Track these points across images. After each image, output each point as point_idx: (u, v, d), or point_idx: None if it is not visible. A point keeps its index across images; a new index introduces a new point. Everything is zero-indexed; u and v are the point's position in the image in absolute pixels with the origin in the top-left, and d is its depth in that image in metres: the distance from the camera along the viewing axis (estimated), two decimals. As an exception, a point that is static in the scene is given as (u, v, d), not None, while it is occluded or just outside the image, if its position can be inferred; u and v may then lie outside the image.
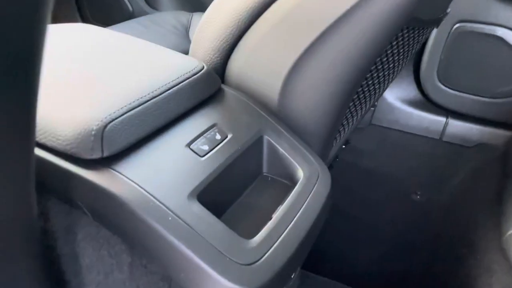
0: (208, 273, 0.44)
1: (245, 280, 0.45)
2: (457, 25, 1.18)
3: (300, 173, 0.59)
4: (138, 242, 0.47)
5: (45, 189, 0.48)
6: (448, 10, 0.88)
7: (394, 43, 0.70)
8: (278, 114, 0.65)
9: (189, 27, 1.37)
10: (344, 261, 1.43)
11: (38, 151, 0.47)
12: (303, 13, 0.59)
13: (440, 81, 1.28)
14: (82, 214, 0.49)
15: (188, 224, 0.46)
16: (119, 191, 0.45)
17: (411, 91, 1.34)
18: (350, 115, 0.80)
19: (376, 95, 0.93)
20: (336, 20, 0.57)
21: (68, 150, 0.46)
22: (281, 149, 0.60)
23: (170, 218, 0.45)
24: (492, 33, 1.16)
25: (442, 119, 1.31)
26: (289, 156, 0.60)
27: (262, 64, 0.66)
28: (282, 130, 0.62)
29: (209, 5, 0.70)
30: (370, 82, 0.77)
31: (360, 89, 0.75)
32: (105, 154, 0.46)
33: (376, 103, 1.31)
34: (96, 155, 0.46)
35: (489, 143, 1.26)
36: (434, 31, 1.22)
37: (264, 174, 0.62)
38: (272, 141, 0.60)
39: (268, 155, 0.61)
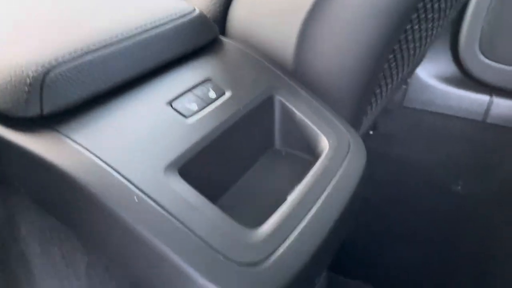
0: (192, 278, 0.30)
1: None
2: (503, -15, 1.01)
3: (325, 143, 0.44)
4: (95, 234, 0.33)
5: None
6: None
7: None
8: (293, 73, 0.51)
9: None
10: (377, 263, 1.27)
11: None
12: None
13: (482, 53, 1.11)
14: (24, 199, 0.36)
15: (163, 208, 0.32)
16: (65, 162, 0.31)
17: (448, 66, 1.18)
18: (384, 79, 0.64)
19: (409, 62, 0.77)
20: None
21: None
22: (298, 113, 0.45)
23: (137, 200, 0.31)
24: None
25: (486, 98, 1.14)
26: (309, 122, 0.45)
27: (271, 11, 0.51)
28: (300, 90, 0.48)
29: None
30: (403, 47, 0.62)
31: (397, 46, 0.60)
32: (46, 111, 0.33)
33: (408, 80, 1.14)
34: (33, 112, 0.32)
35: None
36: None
37: (277, 148, 0.47)
38: (287, 103, 0.45)
39: (282, 121, 0.46)
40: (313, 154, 0.45)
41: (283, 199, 0.37)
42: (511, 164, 1.14)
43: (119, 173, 0.32)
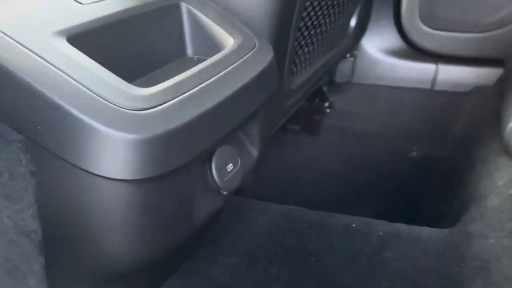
0: (82, 121, 0.31)
1: (133, 127, 0.32)
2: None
3: (231, 42, 0.46)
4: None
5: None
6: None
7: None
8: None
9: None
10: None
11: None
12: None
13: (423, 22, 1.15)
14: None
15: (52, 64, 0.33)
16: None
17: (394, 40, 1.22)
18: (309, 23, 0.67)
19: (336, 12, 0.80)
20: None
21: None
22: (206, 19, 0.47)
23: (27, 58, 0.33)
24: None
25: (432, 66, 1.18)
26: (217, 26, 0.47)
27: None
28: (210, 2, 0.50)
29: None
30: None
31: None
32: None
33: (355, 52, 1.18)
34: None
35: (486, 84, 1.13)
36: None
37: (189, 55, 0.49)
38: (194, 10, 0.48)
39: (190, 29, 0.48)
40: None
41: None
42: (460, 127, 1.17)
43: (11, 37, 0.34)
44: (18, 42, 0.34)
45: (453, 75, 1.17)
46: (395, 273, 0.61)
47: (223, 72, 0.41)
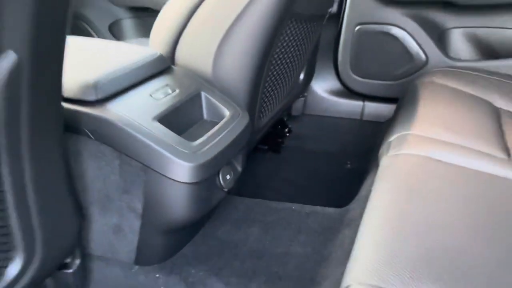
0: (168, 157, 0.74)
1: (190, 160, 0.75)
2: (358, 27, 1.54)
3: (228, 114, 0.90)
4: (124, 147, 0.76)
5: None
6: (330, 10, 1.23)
7: (289, 31, 1.04)
8: (212, 81, 0.97)
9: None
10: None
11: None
12: (217, 11, 0.93)
13: (353, 73, 1.63)
14: (87, 139, 0.79)
15: (153, 132, 0.76)
16: (112, 117, 0.75)
17: (335, 84, 1.69)
18: (272, 85, 1.12)
19: (290, 74, 1.25)
20: (238, 14, 0.91)
21: (75, 96, 0.76)
22: (214, 100, 0.91)
23: (144, 128, 0.76)
24: (385, 31, 1.52)
25: (360, 103, 1.66)
26: (220, 105, 0.91)
27: (197, 50, 0.98)
28: (215, 90, 0.94)
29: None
30: (280, 62, 1.10)
31: (272, 66, 1.08)
32: (100, 96, 0.77)
33: (305, 93, 1.64)
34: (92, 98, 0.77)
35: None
36: (344, 34, 1.57)
37: (205, 119, 0.93)
38: (208, 95, 0.92)
39: (206, 105, 0.92)
40: (223, 119, 0.91)
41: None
42: (379, 146, 1.64)
43: (134, 120, 0.76)
44: (137, 122, 0.76)
45: (375, 109, 1.65)
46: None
47: (226, 130, 0.85)
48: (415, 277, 0.54)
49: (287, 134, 1.74)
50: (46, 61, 0.54)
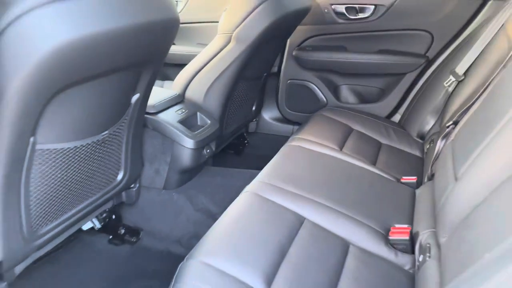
0: (183, 137, 1.77)
1: (193, 139, 1.79)
2: (289, 81, 2.62)
3: (208, 122, 1.94)
4: (164, 131, 1.78)
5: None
6: (265, 74, 2.31)
7: (242, 84, 2.10)
8: (202, 106, 2.00)
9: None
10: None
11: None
12: (207, 73, 1.98)
13: (287, 107, 2.69)
14: (150, 129, 1.81)
15: (177, 126, 1.79)
16: (160, 120, 1.78)
17: (276, 113, 2.75)
18: (232, 110, 2.16)
19: (243, 106, 2.31)
20: (218, 75, 1.96)
21: (147, 110, 1.79)
22: (203, 116, 1.95)
23: (173, 124, 1.79)
24: (304, 84, 2.60)
25: (291, 126, 2.72)
26: (206, 118, 1.95)
27: (196, 91, 2.02)
28: (204, 111, 1.98)
29: (172, 76, 2.09)
30: (237, 99, 2.16)
31: (232, 101, 2.13)
32: (155, 111, 1.80)
33: (257, 118, 2.70)
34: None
35: (311, 135, 2.67)
36: (281, 84, 2.64)
37: (199, 124, 1.96)
38: (201, 114, 1.95)
39: (199, 118, 1.95)
40: (206, 124, 1.94)
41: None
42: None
43: (164, 121, 1.80)
44: (170, 122, 1.79)
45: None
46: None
47: (207, 129, 1.88)
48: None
49: (246, 144, 2.78)
50: (146, 97, 1.58)
